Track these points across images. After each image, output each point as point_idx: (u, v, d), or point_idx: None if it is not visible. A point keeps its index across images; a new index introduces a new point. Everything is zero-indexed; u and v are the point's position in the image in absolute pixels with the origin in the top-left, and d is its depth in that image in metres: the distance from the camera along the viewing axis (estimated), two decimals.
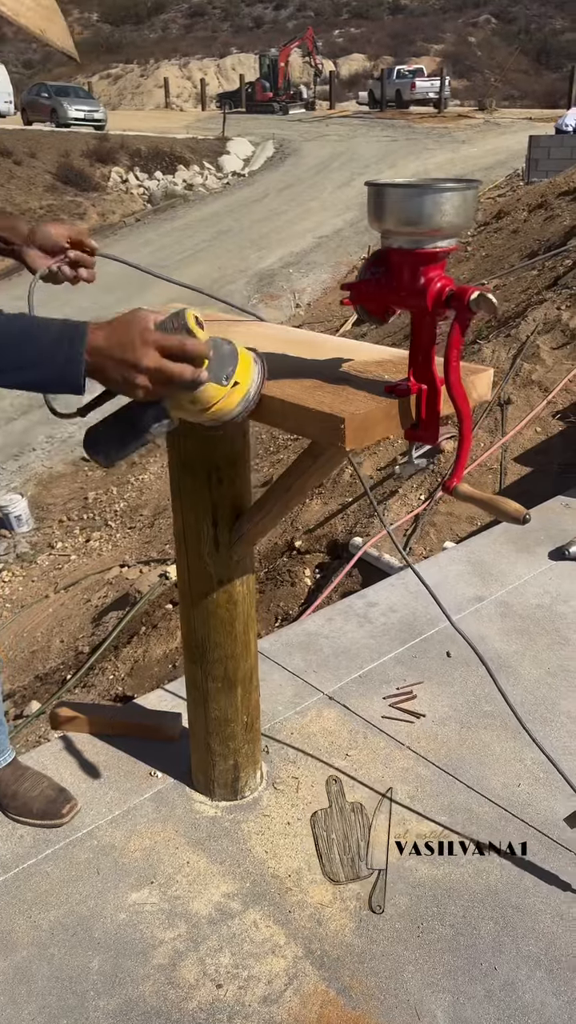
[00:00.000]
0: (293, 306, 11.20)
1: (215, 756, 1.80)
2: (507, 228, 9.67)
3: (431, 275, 1.11)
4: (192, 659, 1.73)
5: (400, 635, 2.46)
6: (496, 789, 1.88)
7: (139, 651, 3.73)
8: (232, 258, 13.20)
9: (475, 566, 2.83)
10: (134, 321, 1.08)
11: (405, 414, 1.21)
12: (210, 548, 1.59)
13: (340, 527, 4.07)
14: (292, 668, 2.31)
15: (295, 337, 1.59)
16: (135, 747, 2.00)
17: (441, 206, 1.05)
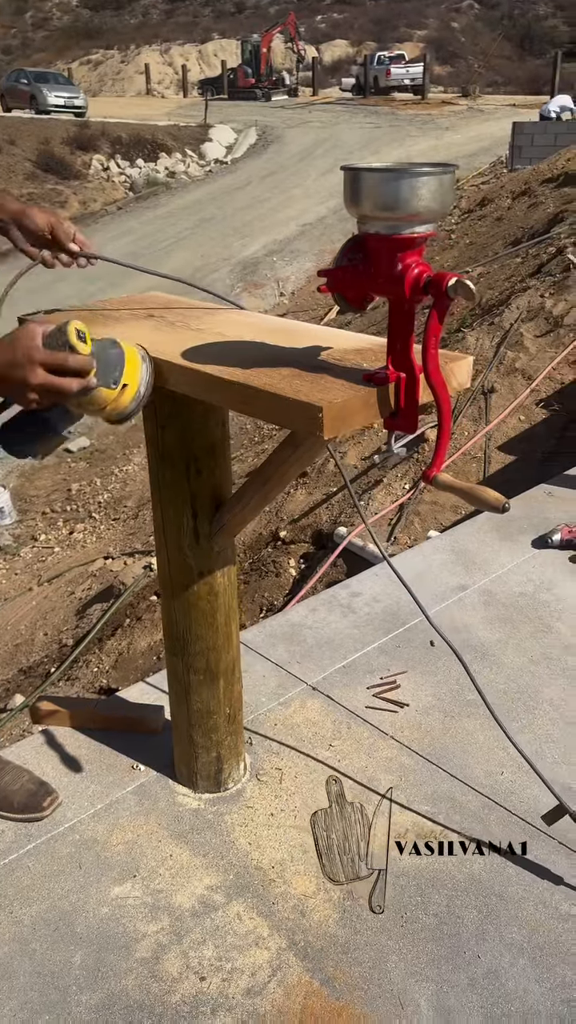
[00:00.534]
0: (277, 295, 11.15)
1: (198, 748, 1.79)
2: (491, 215, 9.66)
3: (408, 261, 1.09)
4: (173, 651, 1.72)
5: (384, 625, 2.46)
6: (479, 777, 1.89)
7: (123, 643, 3.72)
8: (215, 246, 13.12)
9: (459, 555, 2.83)
10: (21, 340, 1.15)
11: (384, 403, 1.20)
12: (190, 540, 1.58)
13: (325, 517, 4.06)
14: (275, 659, 2.31)
15: (273, 325, 1.57)
16: (117, 740, 1.99)
17: (418, 191, 1.03)
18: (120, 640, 3.78)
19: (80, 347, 1.16)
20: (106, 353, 1.23)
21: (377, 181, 1.05)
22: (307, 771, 1.91)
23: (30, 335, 1.15)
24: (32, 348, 1.14)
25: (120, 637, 3.81)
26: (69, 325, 1.16)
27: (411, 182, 1.03)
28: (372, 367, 1.25)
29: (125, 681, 3.38)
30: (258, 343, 1.41)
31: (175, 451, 1.51)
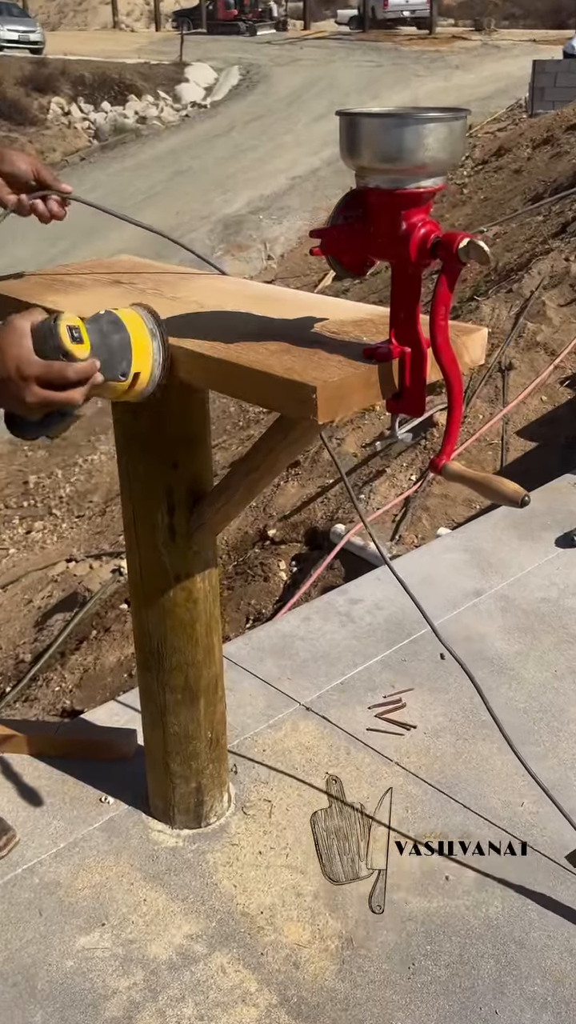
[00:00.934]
0: (264, 258, 11.14)
1: (175, 778, 1.79)
2: (508, 167, 9.67)
3: (414, 220, 1.09)
4: (147, 667, 1.72)
5: (387, 636, 2.47)
6: (496, 809, 1.90)
7: (89, 658, 3.72)
8: (192, 202, 13.09)
9: (473, 555, 2.84)
10: (7, 350, 1.11)
11: (387, 382, 1.20)
12: (165, 538, 1.58)
13: (320, 513, 4.07)
14: (264, 675, 2.31)
15: (259, 293, 1.57)
16: (83, 769, 1.99)
17: (424, 139, 1.04)
18: (85, 655, 3.78)
19: (77, 351, 1.14)
20: (108, 342, 1.20)
21: (377, 128, 1.05)
22: (300, 803, 1.92)
23: (17, 340, 1.11)
24: (23, 362, 1.11)
25: (85, 651, 3.81)
26: (59, 325, 1.13)
27: (417, 129, 1.03)
28: (373, 341, 1.26)
29: (91, 701, 3.38)
30: (242, 314, 1.40)
31: (148, 438, 1.50)
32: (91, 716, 2.19)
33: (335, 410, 1.15)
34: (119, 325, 1.22)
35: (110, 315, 1.22)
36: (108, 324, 1.21)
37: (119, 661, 3.64)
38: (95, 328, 1.20)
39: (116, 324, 1.21)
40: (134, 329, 1.23)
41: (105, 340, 1.20)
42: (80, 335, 1.15)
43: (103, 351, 1.19)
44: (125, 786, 1.94)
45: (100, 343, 1.19)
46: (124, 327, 1.22)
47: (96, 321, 1.21)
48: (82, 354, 1.15)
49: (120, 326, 1.22)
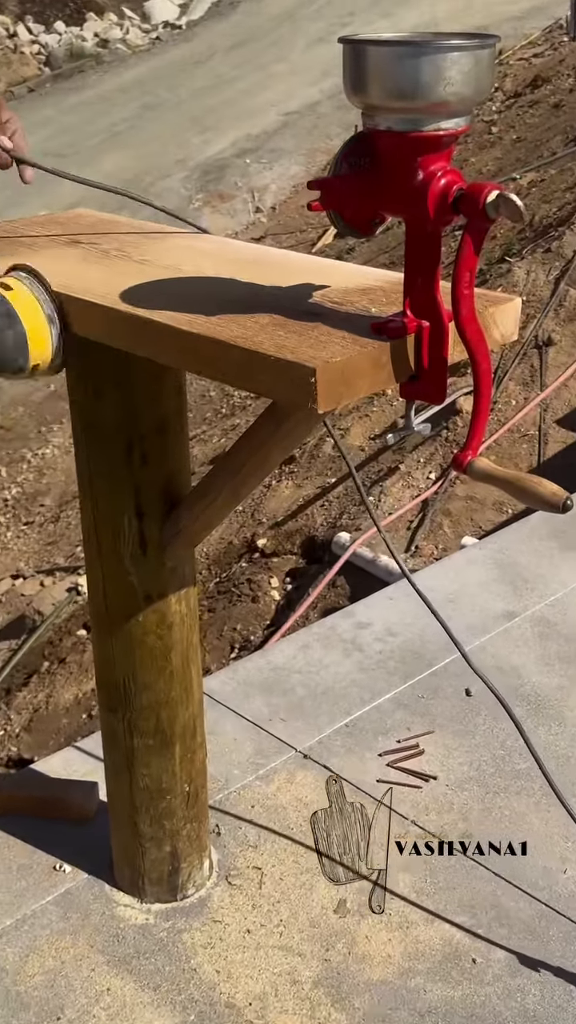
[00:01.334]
0: (251, 210, 11.16)
1: (145, 841, 1.80)
2: (546, 101, 9.71)
3: (432, 168, 1.10)
4: (110, 706, 1.73)
5: (402, 667, 2.47)
6: (534, 877, 1.91)
7: (40, 696, 3.72)
8: (165, 143, 13.10)
9: (505, 570, 2.86)
10: None
11: (400, 362, 1.21)
12: (134, 551, 1.58)
13: (320, 519, 4.08)
14: (252, 716, 2.32)
15: (246, 254, 1.58)
16: (34, 831, 1.99)
17: (445, 71, 1.04)
18: (36, 691, 3.78)
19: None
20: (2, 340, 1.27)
21: (389, 58, 1.06)
22: (296, 870, 1.92)
23: None
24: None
25: (36, 687, 3.81)
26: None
27: (435, 59, 1.04)
28: (383, 313, 1.27)
29: (43, 748, 3.38)
30: (226, 279, 1.41)
31: (113, 428, 1.51)
32: (43, 766, 2.19)
33: (338, 396, 1.16)
34: (13, 318, 1.28)
35: (3, 305, 1.28)
36: (2, 318, 1.28)
37: (76, 699, 3.64)
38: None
39: (10, 318, 1.28)
40: (30, 319, 1.30)
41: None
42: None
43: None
44: (84, 851, 1.94)
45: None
46: (19, 320, 1.29)
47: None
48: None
49: (14, 319, 1.28)
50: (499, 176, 7.79)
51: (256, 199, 11.31)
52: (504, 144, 9.17)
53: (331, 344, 1.18)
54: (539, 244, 5.56)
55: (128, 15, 20.39)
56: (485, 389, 1.21)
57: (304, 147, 12.49)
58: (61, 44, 18.63)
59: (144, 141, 13.20)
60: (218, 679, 2.46)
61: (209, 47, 17.71)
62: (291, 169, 11.97)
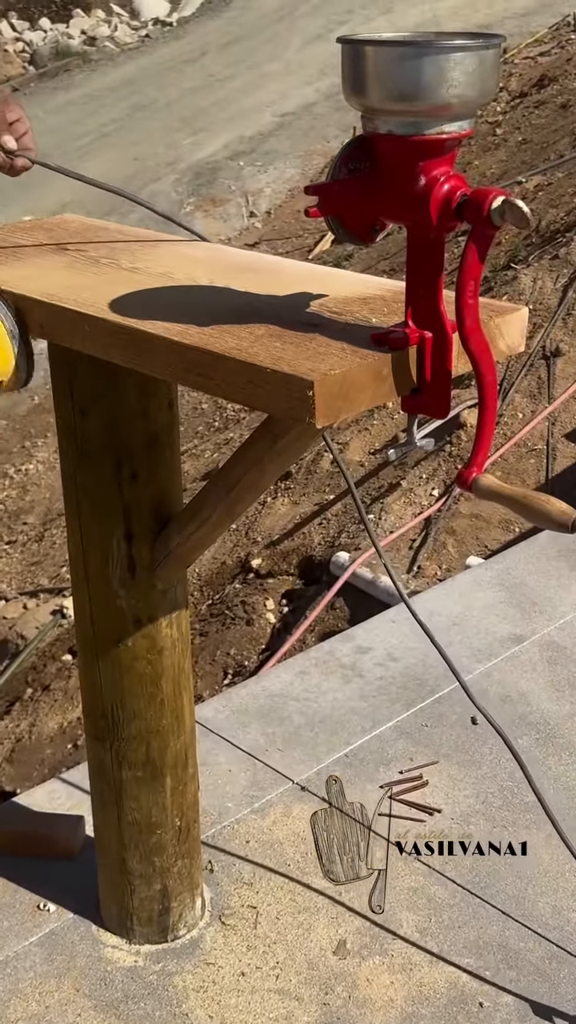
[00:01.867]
0: (246, 215, 11.21)
1: (134, 878, 1.79)
2: (553, 101, 9.78)
3: (435, 173, 1.11)
4: (98, 735, 1.72)
5: (404, 694, 2.47)
6: (544, 916, 1.90)
7: (23, 724, 3.71)
8: (155, 144, 13.17)
9: (512, 592, 2.86)
10: None
11: (402, 374, 1.21)
12: (123, 573, 1.59)
13: (317, 537, 4.09)
14: (247, 746, 2.31)
15: (241, 262, 1.59)
16: (15, 868, 1.98)
17: (448, 72, 1.05)
18: (18, 719, 3.77)
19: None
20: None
21: (389, 59, 1.07)
22: (293, 909, 1.92)
23: None
24: None
25: (18, 715, 3.80)
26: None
27: (438, 60, 1.05)
28: (384, 323, 1.27)
29: (26, 780, 3.37)
30: (220, 288, 1.42)
31: (100, 445, 1.52)
32: (26, 799, 2.18)
33: (337, 410, 1.16)
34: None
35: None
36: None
37: (61, 728, 3.63)
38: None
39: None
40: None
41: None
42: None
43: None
44: (70, 889, 1.94)
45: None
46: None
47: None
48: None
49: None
50: (504, 179, 7.84)
51: (250, 203, 11.36)
52: (509, 146, 9.23)
53: (330, 356, 1.19)
54: (546, 250, 5.59)
55: (116, 11, 20.52)
56: (490, 402, 1.22)
57: (300, 149, 12.56)
58: (46, 42, 18.75)
59: (133, 143, 13.27)
60: (211, 707, 2.46)
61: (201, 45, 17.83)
62: (287, 172, 12.04)
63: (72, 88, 16.38)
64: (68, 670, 3.95)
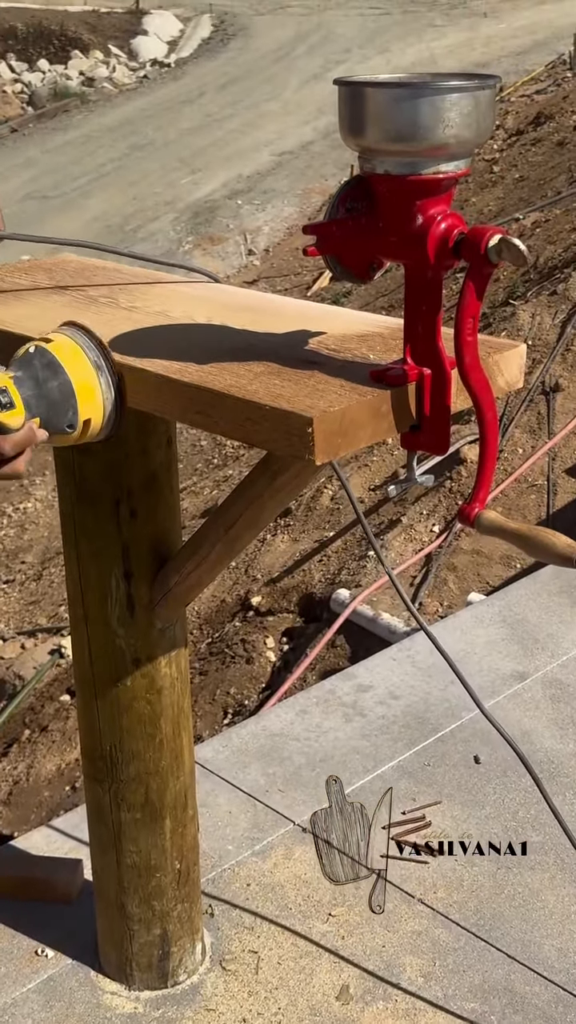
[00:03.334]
0: (244, 253, 11.32)
1: (133, 923, 1.78)
2: (549, 139, 9.91)
3: (432, 212, 1.13)
4: (96, 777, 1.72)
5: (406, 733, 2.46)
6: (550, 959, 1.89)
7: (21, 767, 3.69)
8: (154, 184, 13.32)
9: (514, 628, 2.86)
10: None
11: (402, 411, 1.22)
12: (121, 613, 1.59)
13: (317, 575, 4.08)
14: (248, 787, 2.30)
15: (240, 300, 1.60)
16: (14, 913, 1.97)
17: (444, 113, 1.07)
18: (15, 762, 3.75)
19: (9, 420, 1.16)
20: (46, 393, 1.22)
21: (386, 100, 1.09)
22: (295, 954, 1.90)
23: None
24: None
25: (15, 757, 3.78)
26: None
27: (434, 101, 1.07)
28: (383, 360, 1.28)
29: (23, 823, 3.34)
30: (219, 327, 1.43)
31: (99, 483, 1.52)
32: (23, 843, 2.16)
33: (336, 447, 1.17)
34: (56, 368, 1.24)
35: (43, 354, 1.24)
36: (43, 369, 1.23)
37: (59, 770, 3.61)
38: (27, 377, 1.21)
39: (52, 367, 1.23)
40: (74, 367, 1.25)
41: (42, 390, 1.22)
42: (10, 398, 1.17)
43: (42, 405, 1.22)
44: (68, 934, 1.92)
45: (36, 396, 1.21)
46: (62, 369, 1.24)
47: (27, 366, 1.23)
48: (16, 422, 1.17)
49: (57, 368, 1.24)
50: (501, 216, 7.92)
51: (248, 241, 11.47)
52: (506, 183, 9.33)
53: (328, 393, 1.20)
54: (544, 286, 5.64)
55: (115, 53, 20.83)
56: (491, 438, 1.23)
57: (298, 187, 12.71)
58: (45, 83, 19.01)
59: (132, 182, 13.42)
60: (211, 747, 2.45)
61: (199, 85, 18.09)
62: (284, 210, 12.16)
63: (70, 128, 16.59)
64: (66, 710, 3.93)
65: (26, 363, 1.23)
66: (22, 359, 1.24)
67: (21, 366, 1.23)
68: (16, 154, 15.05)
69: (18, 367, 1.23)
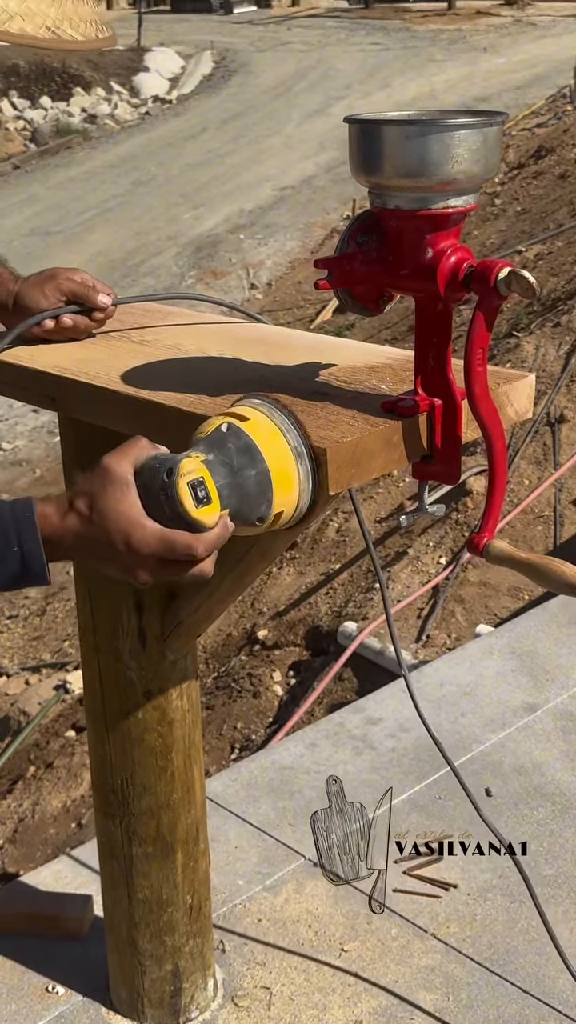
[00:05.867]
0: (247, 287, 11.40)
1: (144, 959, 1.77)
2: (551, 172, 10.01)
3: (442, 245, 1.15)
4: (107, 811, 1.72)
5: (416, 766, 2.46)
6: (565, 993, 1.88)
7: (26, 803, 3.68)
8: (156, 219, 13.44)
9: (523, 660, 2.86)
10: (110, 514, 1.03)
11: (413, 441, 1.24)
12: (133, 645, 1.60)
13: (324, 608, 4.09)
14: (258, 821, 2.30)
15: (250, 334, 1.63)
16: (23, 949, 1.97)
17: (453, 149, 1.10)
18: (21, 798, 3.74)
19: (205, 516, 1.03)
20: (241, 483, 1.08)
21: (396, 137, 1.12)
22: (308, 989, 1.89)
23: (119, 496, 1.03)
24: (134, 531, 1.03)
25: (20, 794, 3.77)
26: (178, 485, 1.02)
27: (444, 138, 1.10)
28: (393, 391, 1.30)
29: (28, 860, 3.33)
30: (229, 359, 1.46)
31: None
32: (32, 879, 2.17)
33: (349, 477, 1.19)
34: (254, 455, 1.09)
35: (238, 436, 1.09)
36: (239, 455, 1.08)
37: (64, 806, 3.60)
38: (219, 463, 1.07)
39: (250, 453, 1.09)
40: (274, 455, 1.11)
41: (237, 479, 1.08)
42: (207, 492, 1.03)
43: (234, 496, 1.08)
44: (79, 971, 1.92)
45: (230, 486, 1.07)
46: (260, 456, 1.09)
47: (219, 448, 1.08)
48: (211, 519, 1.04)
49: (256, 456, 1.09)
50: (503, 249, 7.99)
51: (251, 275, 11.56)
52: (508, 216, 9.41)
53: (341, 424, 1.22)
54: (548, 318, 5.68)
55: (116, 90, 21.08)
56: (501, 468, 1.25)
57: (300, 222, 12.81)
58: (47, 120, 19.22)
59: (135, 217, 13.54)
60: (220, 781, 2.45)
61: (201, 122, 18.28)
62: (287, 244, 12.26)
63: (73, 165, 16.76)
64: (72, 746, 3.93)
65: (217, 444, 1.08)
66: (212, 438, 1.09)
67: (211, 447, 1.08)
68: (19, 190, 15.20)
69: (208, 448, 1.08)
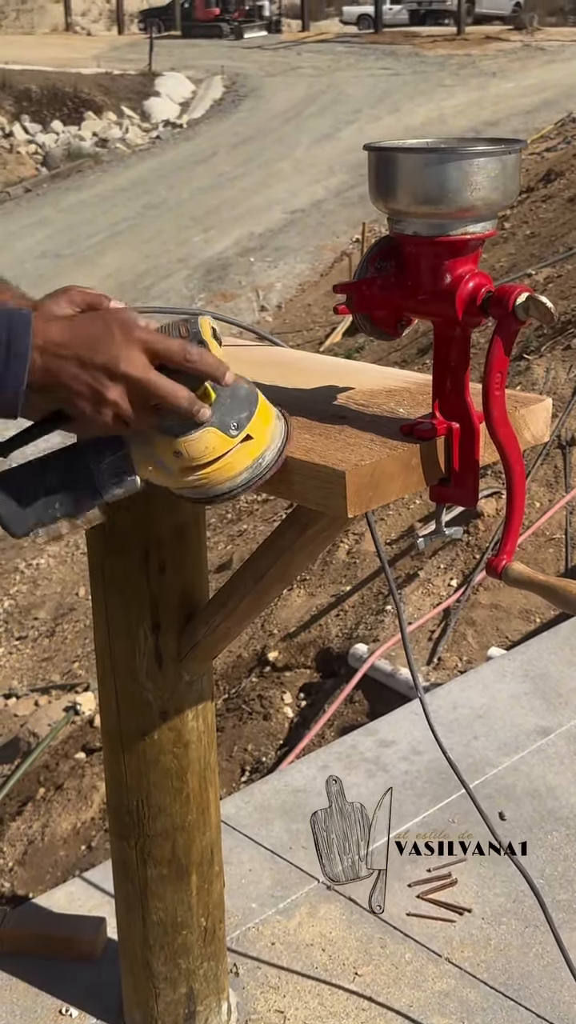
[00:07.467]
0: (257, 309, 11.46)
1: (159, 981, 1.77)
2: (560, 195, 10.07)
3: (460, 271, 1.17)
4: (122, 833, 1.72)
5: (430, 789, 2.46)
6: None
7: (36, 826, 3.68)
8: (166, 242, 13.54)
9: (536, 683, 2.86)
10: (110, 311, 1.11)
11: (431, 464, 1.25)
12: (150, 666, 1.60)
13: (335, 629, 4.09)
14: (270, 843, 2.30)
15: (265, 356, 1.64)
16: (38, 971, 1.97)
17: (472, 177, 1.12)
18: (30, 821, 3.74)
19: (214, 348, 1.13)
20: (235, 390, 1.17)
21: (415, 165, 1.14)
22: (322, 1013, 1.89)
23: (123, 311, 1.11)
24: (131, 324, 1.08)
25: (30, 816, 3.77)
26: (202, 317, 1.14)
27: (462, 165, 1.12)
28: (411, 415, 1.32)
29: (39, 883, 3.33)
30: None
31: (128, 535, 1.54)
32: (46, 900, 2.16)
33: (368, 500, 1.20)
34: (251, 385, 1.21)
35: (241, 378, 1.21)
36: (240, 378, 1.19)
37: (74, 829, 3.60)
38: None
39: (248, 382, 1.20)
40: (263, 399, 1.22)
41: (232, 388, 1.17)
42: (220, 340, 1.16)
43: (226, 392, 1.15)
44: (92, 993, 1.91)
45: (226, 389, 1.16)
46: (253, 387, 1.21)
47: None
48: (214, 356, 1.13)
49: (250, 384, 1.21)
50: (513, 272, 8.02)
51: (261, 298, 11.62)
52: (517, 240, 9.46)
53: (359, 447, 1.23)
54: (558, 341, 5.70)
55: (127, 114, 21.28)
56: (519, 491, 1.26)
57: (310, 245, 12.89)
58: (58, 144, 19.40)
59: (145, 240, 13.64)
60: (232, 803, 2.45)
61: (211, 146, 18.43)
62: (297, 267, 12.34)
63: (84, 188, 16.90)
64: (82, 768, 3.92)
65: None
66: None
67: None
68: (31, 213, 15.33)
69: None
